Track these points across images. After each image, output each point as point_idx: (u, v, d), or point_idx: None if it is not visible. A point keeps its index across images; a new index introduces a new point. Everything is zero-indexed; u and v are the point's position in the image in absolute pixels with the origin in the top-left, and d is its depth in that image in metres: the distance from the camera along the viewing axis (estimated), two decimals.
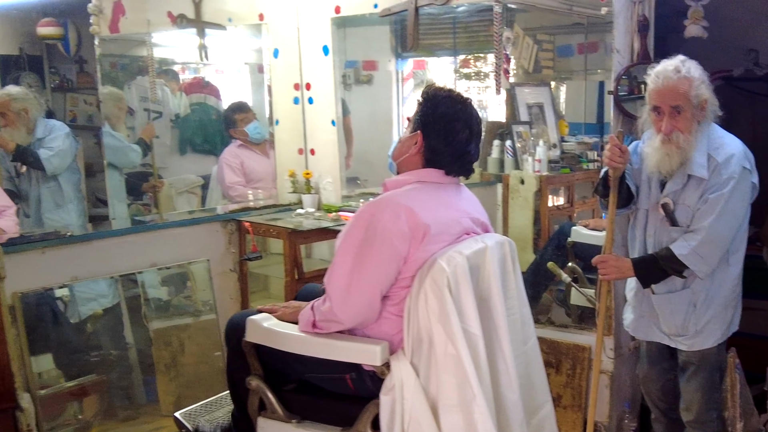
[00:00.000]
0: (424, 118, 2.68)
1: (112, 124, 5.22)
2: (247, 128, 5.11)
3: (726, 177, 2.96)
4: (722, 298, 3.14)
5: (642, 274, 3.14)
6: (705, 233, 2.96)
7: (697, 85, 2.99)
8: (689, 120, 2.99)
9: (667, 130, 3.00)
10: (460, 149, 2.67)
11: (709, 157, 3.01)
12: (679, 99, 2.98)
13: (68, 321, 4.00)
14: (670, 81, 2.98)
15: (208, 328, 4.45)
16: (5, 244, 3.36)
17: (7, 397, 3.02)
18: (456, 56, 5.20)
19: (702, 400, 3.22)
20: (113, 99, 5.33)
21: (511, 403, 2.63)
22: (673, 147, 3.00)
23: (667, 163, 3.04)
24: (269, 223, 4.39)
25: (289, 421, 2.75)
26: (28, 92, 4.75)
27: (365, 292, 2.52)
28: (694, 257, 2.99)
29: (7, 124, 4.56)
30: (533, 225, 4.28)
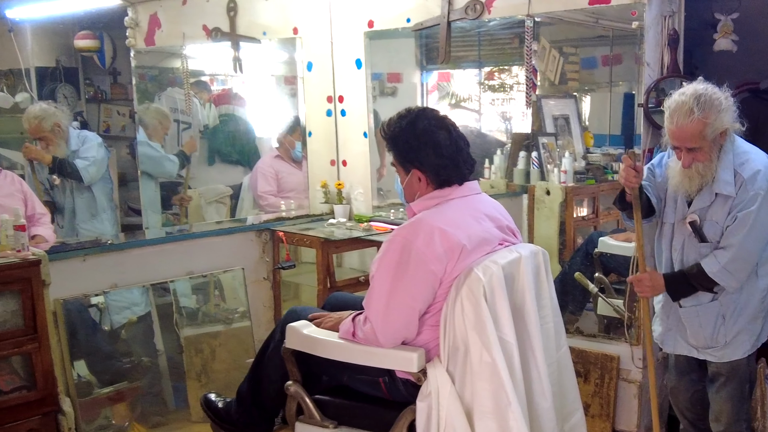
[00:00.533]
0: (407, 153, 2.71)
1: (149, 135, 5.31)
2: (299, 144, 5.21)
3: (753, 193, 2.96)
4: (751, 310, 3.14)
5: (673, 290, 3.17)
6: (735, 250, 2.98)
7: (713, 121, 2.94)
8: (708, 152, 2.98)
9: (686, 164, 3.00)
10: (453, 151, 2.70)
11: (736, 173, 3.01)
12: (695, 141, 2.96)
13: (103, 328, 4.08)
14: (684, 126, 2.94)
15: (239, 335, 4.51)
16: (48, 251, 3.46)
17: (50, 400, 3.11)
18: (481, 68, 5.26)
19: (732, 411, 3.22)
20: (159, 116, 5.45)
21: (543, 410, 2.67)
22: (694, 172, 3.01)
23: (687, 186, 3.06)
24: (302, 233, 4.46)
25: (326, 426, 2.80)
26: (49, 107, 4.83)
27: (403, 315, 2.58)
28: (724, 274, 3.00)
29: (48, 144, 4.68)
30: (559, 235, 4.31)
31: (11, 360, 3.11)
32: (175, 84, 5.91)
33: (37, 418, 3.06)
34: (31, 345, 3.04)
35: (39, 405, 3.07)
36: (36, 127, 4.62)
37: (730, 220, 3.01)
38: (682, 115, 2.94)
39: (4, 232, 3.06)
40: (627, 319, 3.83)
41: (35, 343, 3.05)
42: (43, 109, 4.69)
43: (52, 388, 3.11)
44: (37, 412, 3.06)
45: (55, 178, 4.79)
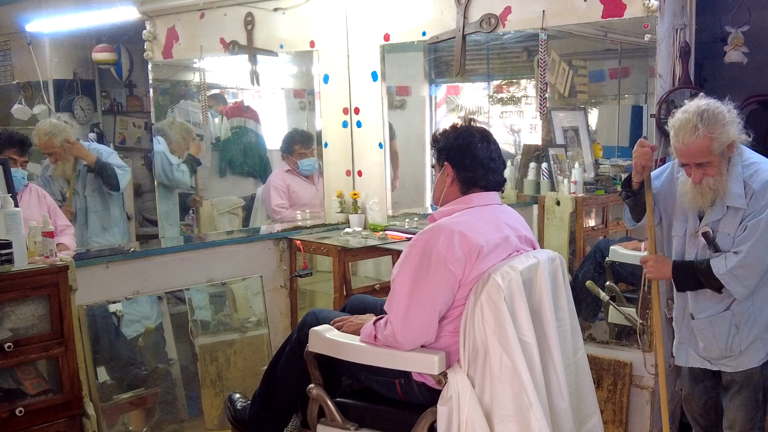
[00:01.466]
0: (445, 151, 2.84)
1: (172, 149, 5.38)
2: (300, 162, 5.28)
3: (764, 204, 3.00)
4: (765, 319, 3.17)
5: (679, 279, 3.21)
6: (743, 256, 3.01)
7: (719, 135, 2.98)
8: (717, 165, 3.02)
9: (696, 180, 3.05)
10: (486, 159, 2.81)
11: (746, 184, 3.04)
12: (703, 157, 3.00)
13: (123, 334, 4.13)
14: (690, 143, 2.98)
15: (255, 343, 4.57)
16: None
17: (76, 404, 3.17)
18: (490, 82, 5.33)
19: (745, 419, 3.24)
20: (183, 131, 5.53)
21: (561, 410, 2.71)
22: (705, 187, 3.05)
23: (701, 202, 3.09)
24: (319, 241, 4.52)
25: (348, 428, 2.84)
26: (59, 122, 4.91)
27: (424, 317, 2.63)
28: (730, 277, 3.03)
29: (58, 159, 4.73)
30: (569, 245, 4.34)
31: (36, 364, 3.16)
32: (187, 97, 6.00)
33: (63, 420, 3.11)
34: (58, 349, 3.10)
35: (65, 408, 3.12)
36: (47, 143, 4.68)
37: (741, 230, 3.05)
38: (687, 132, 2.98)
39: (33, 238, 3.13)
40: (639, 326, 3.88)
41: (62, 347, 3.11)
42: (53, 125, 4.77)
43: (77, 391, 3.16)
44: (63, 415, 3.11)
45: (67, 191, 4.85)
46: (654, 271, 3.29)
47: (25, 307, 3.03)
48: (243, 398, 3.39)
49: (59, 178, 4.79)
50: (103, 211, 4.84)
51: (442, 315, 2.68)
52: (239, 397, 3.40)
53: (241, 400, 3.38)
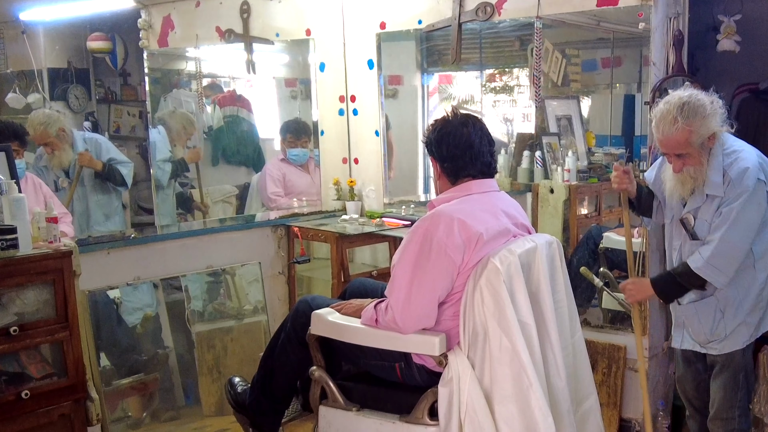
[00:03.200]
0: (428, 145, 2.90)
1: (172, 139, 5.38)
2: (288, 151, 5.31)
3: (739, 191, 3.03)
4: (749, 303, 3.22)
5: (661, 291, 3.27)
6: (716, 244, 3.05)
7: (698, 128, 3.02)
8: (697, 156, 3.07)
9: (677, 169, 3.11)
10: (464, 146, 2.82)
11: (724, 173, 3.08)
12: (681, 148, 3.05)
13: (124, 320, 4.17)
14: (669, 134, 3.04)
15: (252, 330, 4.60)
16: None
17: (80, 387, 3.18)
18: (482, 71, 5.36)
19: (724, 398, 3.31)
20: (184, 121, 5.53)
21: (558, 390, 2.76)
22: (686, 176, 3.11)
23: (680, 190, 3.16)
24: (317, 228, 4.56)
25: (350, 409, 2.88)
26: (52, 112, 4.91)
27: (424, 303, 2.68)
28: (708, 268, 3.07)
29: (54, 149, 4.74)
30: (562, 232, 4.39)
31: (40, 348, 3.18)
32: (180, 86, 6.01)
33: (68, 404, 3.13)
34: (63, 333, 3.11)
35: (70, 392, 3.14)
36: (42, 134, 4.69)
37: (716, 216, 3.10)
38: (666, 124, 3.03)
39: (37, 224, 3.15)
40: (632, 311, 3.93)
41: (66, 331, 3.12)
42: (47, 115, 4.77)
43: (82, 376, 3.18)
44: (68, 398, 3.13)
45: (63, 181, 4.86)
46: (633, 293, 3.37)
47: (29, 292, 3.04)
48: (243, 381, 3.43)
49: (55, 168, 4.80)
50: (106, 202, 4.86)
51: (442, 300, 2.72)
52: (239, 381, 3.44)
53: (242, 383, 3.42)
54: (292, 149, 5.30)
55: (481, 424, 2.59)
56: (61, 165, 4.80)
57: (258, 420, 3.28)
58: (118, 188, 4.84)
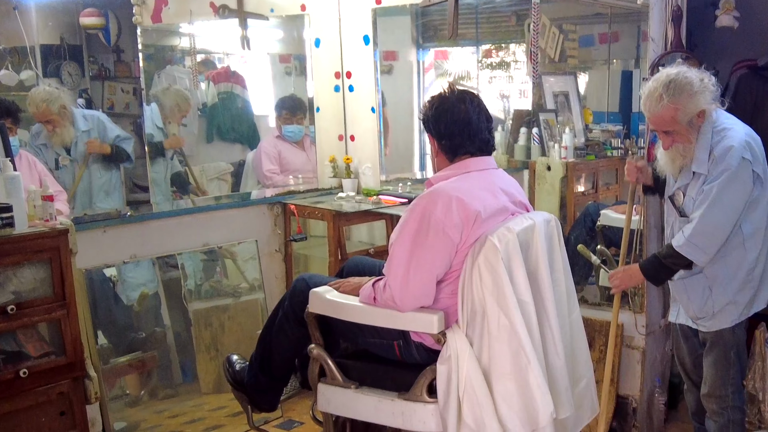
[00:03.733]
0: (425, 123, 2.88)
1: (164, 116, 5.33)
2: (284, 127, 5.28)
3: (721, 169, 3.03)
4: (738, 282, 3.22)
5: (650, 275, 3.28)
6: (697, 222, 3.05)
7: (684, 105, 3.03)
8: (685, 134, 3.08)
9: (665, 146, 3.14)
10: (462, 123, 2.81)
11: (711, 151, 3.09)
12: (667, 125, 3.07)
13: (120, 298, 4.16)
14: (655, 111, 3.06)
15: (249, 308, 4.60)
16: None
17: (78, 366, 3.18)
18: (478, 46, 5.32)
19: (716, 376, 3.33)
20: (178, 98, 5.45)
21: (556, 368, 2.77)
22: (675, 153, 3.13)
23: (671, 167, 3.19)
24: (314, 206, 4.55)
25: (348, 387, 2.89)
26: (53, 89, 4.85)
27: (422, 281, 2.68)
28: (688, 246, 3.07)
29: (56, 126, 4.70)
30: (559, 210, 4.38)
31: (38, 327, 3.18)
32: (174, 62, 5.94)
33: (66, 382, 3.14)
34: (61, 312, 3.11)
35: (68, 370, 3.14)
36: (44, 111, 4.64)
37: (698, 194, 3.11)
38: (653, 101, 3.05)
39: (32, 202, 3.13)
40: (630, 288, 3.94)
41: (64, 310, 3.12)
42: (49, 92, 4.73)
43: (80, 354, 3.18)
44: (66, 376, 3.13)
45: (64, 159, 4.82)
46: (621, 282, 3.42)
47: (26, 271, 3.03)
48: (241, 359, 3.43)
49: (56, 145, 4.76)
50: (108, 180, 4.83)
51: (440, 278, 2.72)
52: (237, 359, 3.44)
53: (240, 361, 3.42)
54: (287, 126, 5.27)
55: (480, 402, 2.60)
56: (63, 143, 4.76)
57: (256, 397, 3.29)
58: (123, 165, 4.80)
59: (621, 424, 4.02)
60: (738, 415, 3.39)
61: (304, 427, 4.25)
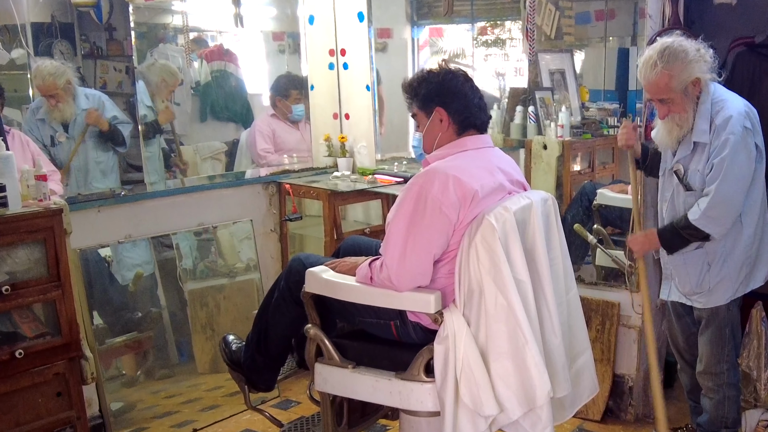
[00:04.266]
0: (435, 96, 2.82)
1: (151, 93, 5.28)
2: (294, 107, 5.23)
3: (724, 138, 3.06)
4: (735, 259, 3.25)
5: (666, 243, 3.29)
6: (713, 195, 3.08)
7: (678, 73, 3.06)
8: (681, 102, 3.11)
9: (661, 116, 3.16)
10: (475, 99, 2.83)
11: (711, 121, 3.12)
12: (662, 93, 3.10)
13: (116, 279, 4.14)
14: (649, 77, 3.09)
15: (245, 288, 4.59)
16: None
17: (74, 346, 3.16)
18: (474, 23, 5.29)
19: (711, 353, 3.37)
20: (164, 73, 5.39)
21: (554, 347, 2.77)
22: (672, 124, 3.15)
23: (668, 139, 3.21)
24: (309, 185, 4.53)
25: (345, 367, 2.88)
26: (60, 64, 4.82)
27: (419, 261, 2.66)
28: (705, 220, 3.11)
29: (59, 101, 4.66)
30: (556, 189, 4.37)
31: (33, 308, 3.16)
32: (167, 40, 5.89)
33: (62, 363, 3.12)
34: (56, 292, 3.08)
35: (64, 350, 3.12)
36: (51, 85, 4.60)
37: (708, 168, 3.13)
38: (647, 68, 3.08)
39: (26, 182, 3.10)
40: (627, 268, 3.94)
41: (59, 290, 3.09)
42: (56, 66, 4.70)
43: (75, 334, 3.15)
44: (62, 357, 3.11)
45: (61, 136, 4.78)
46: (642, 247, 3.40)
47: (20, 251, 3.00)
48: (238, 339, 3.43)
49: (56, 121, 4.72)
50: (105, 160, 4.79)
51: (438, 258, 2.70)
52: (234, 339, 3.43)
53: (236, 341, 3.41)
54: (297, 105, 5.22)
55: (477, 381, 2.60)
56: (63, 118, 4.71)
57: (254, 377, 3.28)
58: (117, 148, 4.77)
59: (617, 403, 4.04)
60: (733, 392, 3.41)
61: (300, 407, 4.26)
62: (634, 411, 4.02)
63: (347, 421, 3.09)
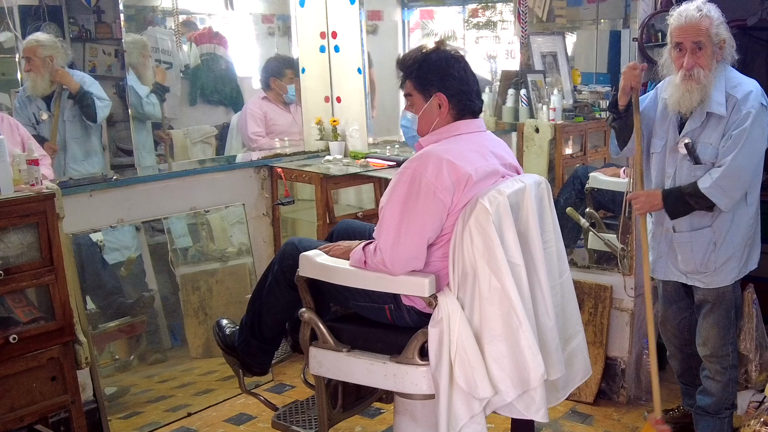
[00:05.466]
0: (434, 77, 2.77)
1: (139, 73, 5.25)
2: (290, 88, 5.19)
3: (745, 112, 3.09)
4: (740, 237, 3.26)
5: (670, 206, 3.26)
6: (727, 166, 3.09)
7: (717, 24, 3.15)
8: (709, 57, 3.14)
9: (688, 65, 3.13)
10: (472, 83, 2.81)
11: (728, 95, 3.15)
12: (701, 35, 3.12)
13: (108, 263, 4.13)
14: (692, 19, 3.13)
15: (237, 272, 4.58)
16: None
17: (68, 330, 3.17)
18: (465, 5, 5.26)
19: (718, 336, 3.36)
20: (138, 47, 5.35)
21: (547, 329, 2.77)
22: (694, 83, 3.13)
23: (688, 100, 3.16)
24: (301, 169, 4.52)
25: (340, 350, 2.88)
26: (55, 41, 4.78)
27: (412, 245, 2.66)
28: (715, 189, 3.11)
29: (32, 69, 4.59)
30: (548, 172, 4.37)
31: (26, 292, 3.16)
32: (155, 23, 5.85)
33: (56, 347, 3.12)
34: (49, 277, 3.08)
35: (58, 335, 3.12)
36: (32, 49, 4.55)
37: (726, 140, 3.13)
38: (691, 10, 3.15)
39: (17, 166, 3.08)
40: (620, 251, 3.96)
41: (52, 275, 3.09)
42: (51, 39, 4.68)
43: (69, 319, 3.16)
44: (56, 341, 3.12)
45: (43, 113, 4.74)
46: (644, 206, 3.33)
47: (13, 236, 3.00)
48: (231, 323, 3.42)
49: (35, 94, 4.68)
50: (83, 138, 4.75)
51: (431, 242, 2.70)
52: (227, 323, 3.43)
53: (230, 325, 3.41)
54: (292, 86, 5.18)
55: (472, 363, 2.61)
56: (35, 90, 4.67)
57: (248, 361, 3.28)
58: (88, 122, 4.73)
59: (610, 385, 4.07)
60: (735, 374, 3.45)
61: (295, 391, 4.27)
62: (626, 393, 4.05)
63: (342, 404, 3.09)
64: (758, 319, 3.63)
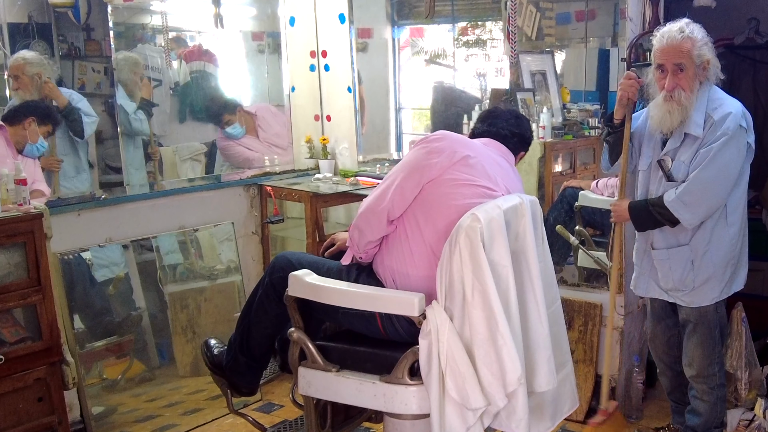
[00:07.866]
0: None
1: (129, 91, 5.24)
2: (225, 131, 5.21)
3: (720, 133, 3.10)
4: (720, 257, 3.26)
5: (635, 218, 3.32)
6: (690, 182, 3.12)
7: (700, 45, 3.15)
8: (691, 78, 3.15)
9: (669, 87, 3.16)
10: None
11: (707, 116, 3.16)
12: (682, 57, 3.14)
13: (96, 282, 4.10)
14: (674, 40, 3.14)
15: (226, 290, 4.56)
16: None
17: (55, 350, 3.15)
18: (455, 24, 5.28)
19: (702, 356, 3.37)
20: (129, 64, 5.34)
21: (540, 336, 2.77)
22: (675, 104, 3.15)
23: (668, 121, 3.19)
24: (290, 187, 4.51)
25: (329, 370, 2.85)
26: (42, 58, 4.77)
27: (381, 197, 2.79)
28: (677, 203, 3.14)
29: (20, 87, 4.58)
30: (537, 190, 4.39)
31: (13, 312, 3.13)
32: (145, 40, 5.84)
33: (43, 367, 3.10)
34: (36, 296, 3.06)
35: (45, 355, 3.10)
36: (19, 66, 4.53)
37: (695, 158, 3.15)
38: (673, 32, 3.16)
39: (5, 186, 3.07)
40: (609, 269, 3.95)
41: (39, 294, 3.07)
42: (38, 57, 4.68)
43: (56, 339, 3.14)
44: (43, 362, 3.09)
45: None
46: (617, 215, 3.40)
47: (0, 256, 2.98)
48: (219, 343, 3.40)
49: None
50: (72, 154, 4.74)
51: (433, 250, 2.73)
52: (215, 343, 3.41)
53: (218, 345, 3.39)
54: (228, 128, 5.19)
55: (462, 373, 2.58)
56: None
57: (236, 380, 3.26)
58: (74, 137, 4.71)
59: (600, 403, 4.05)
60: (723, 392, 3.45)
61: (284, 410, 4.24)
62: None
63: (331, 424, 3.06)
64: (747, 338, 3.63)
